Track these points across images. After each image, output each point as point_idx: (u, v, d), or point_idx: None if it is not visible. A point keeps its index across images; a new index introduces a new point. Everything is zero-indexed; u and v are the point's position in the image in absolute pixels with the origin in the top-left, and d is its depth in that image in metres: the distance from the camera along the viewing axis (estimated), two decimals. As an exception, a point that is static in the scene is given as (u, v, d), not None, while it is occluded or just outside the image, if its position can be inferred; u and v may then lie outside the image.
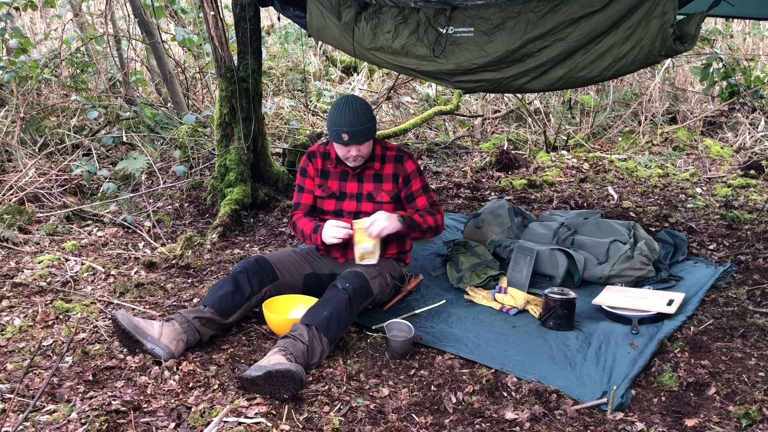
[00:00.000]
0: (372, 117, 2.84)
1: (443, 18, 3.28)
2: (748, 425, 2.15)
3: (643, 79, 7.34)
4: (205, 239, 3.86)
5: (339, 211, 3.00)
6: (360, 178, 2.98)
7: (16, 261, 3.56)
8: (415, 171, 2.99)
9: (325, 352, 2.53)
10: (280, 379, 2.25)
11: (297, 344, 2.44)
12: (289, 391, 2.26)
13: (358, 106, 2.80)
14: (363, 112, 2.79)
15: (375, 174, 2.98)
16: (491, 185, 5.20)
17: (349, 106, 2.79)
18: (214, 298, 2.70)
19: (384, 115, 7.13)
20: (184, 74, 6.77)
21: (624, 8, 2.86)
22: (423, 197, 3.01)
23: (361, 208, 2.97)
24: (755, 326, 2.82)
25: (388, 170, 2.98)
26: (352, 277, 2.71)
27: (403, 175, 2.97)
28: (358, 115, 2.77)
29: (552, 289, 2.86)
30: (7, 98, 5.38)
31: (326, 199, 3.02)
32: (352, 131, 2.78)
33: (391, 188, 2.97)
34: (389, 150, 3.01)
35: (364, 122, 2.79)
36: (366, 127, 2.80)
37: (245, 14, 4.14)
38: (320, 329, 2.51)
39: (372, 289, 2.76)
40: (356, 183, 2.99)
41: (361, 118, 2.78)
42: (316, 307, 2.60)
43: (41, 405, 2.23)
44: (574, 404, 2.27)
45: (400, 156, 2.99)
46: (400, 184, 2.98)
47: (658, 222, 4.24)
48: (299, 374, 2.27)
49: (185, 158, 5.07)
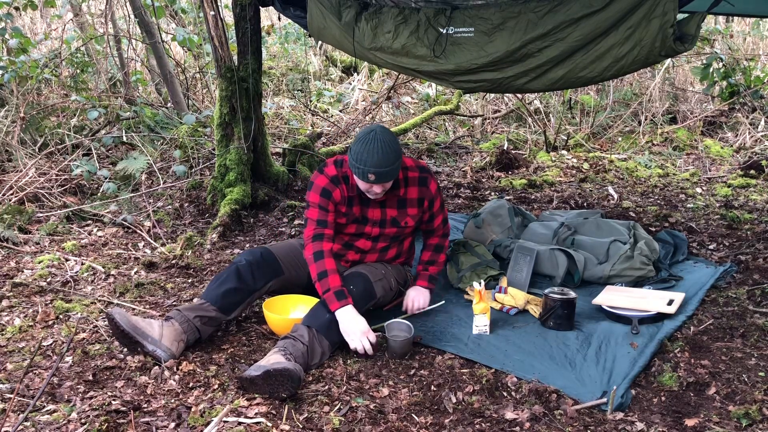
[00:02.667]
0: (400, 153, 2.62)
1: (443, 18, 3.28)
2: (748, 425, 2.15)
3: (643, 79, 7.34)
4: (205, 239, 3.86)
5: (359, 234, 2.86)
6: (383, 204, 2.80)
7: (16, 261, 3.56)
8: (437, 190, 2.87)
9: (326, 354, 2.52)
10: (279, 378, 2.24)
11: (297, 345, 2.43)
12: (288, 390, 2.25)
13: (387, 143, 2.57)
14: (392, 150, 2.57)
15: (399, 200, 2.81)
16: (491, 185, 5.20)
17: (377, 144, 2.55)
18: (216, 294, 2.66)
19: (384, 115, 7.13)
20: (184, 74, 6.76)
21: (624, 8, 2.86)
22: (441, 216, 2.94)
23: (384, 232, 2.86)
24: (755, 326, 2.82)
25: (412, 194, 2.81)
26: (357, 279, 2.70)
27: (428, 198, 2.84)
28: (388, 154, 2.55)
29: (552, 289, 2.86)
30: (7, 98, 5.38)
31: (349, 224, 2.83)
32: (380, 172, 2.56)
33: (416, 212, 2.84)
34: (411, 171, 2.81)
35: (393, 161, 2.58)
36: (394, 166, 2.60)
37: (245, 14, 4.14)
38: (321, 331, 2.50)
39: (375, 292, 2.75)
40: (379, 209, 2.81)
41: (390, 158, 2.56)
42: (317, 308, 2.59)
43: (41, 405, 2.23)
44: (574, 404, 2.27)
45: (423, 178, 2.82)
46: (425, 207, 2.86)
47: (658, 222, 4.24)
48: (297, 373, 2.27)
49: (185, 158, 5.07)
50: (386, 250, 2.93)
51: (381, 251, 2.92)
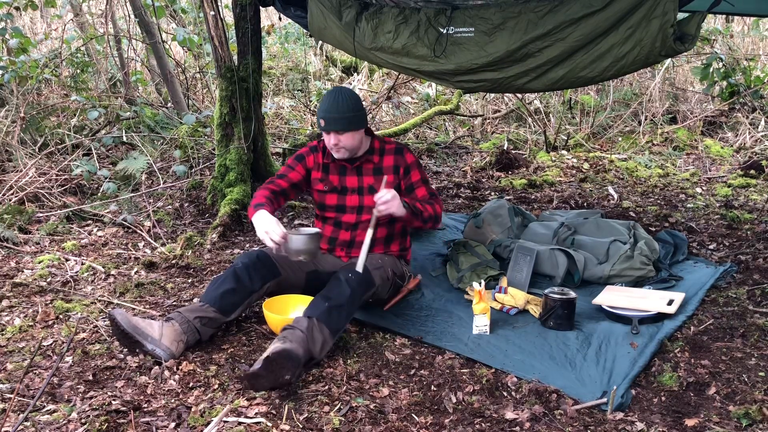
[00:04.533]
0: (356, 108, 2.81)
1: (444, 18, 3.29)
2: (748, 425, 2.15)
3: (643, 79, 7.34)
4: (205, 239, 3.86)
5: (342, 206, 2.98)
6: (359, 171, 2.96)
7: (16, 261, 3.56)
8: (414, 162, 2.98)
9: (327, 342, 2.50)
10: (279, 362, 2.25)
11: (295, 332, 2.43)
12: (289, 371, 2.25)
13: (344, 95, 2.79)
14: (346, 101, 2.78)
15: (375, 167, 2.95)
16: (491, 185, 5.20)
17: (334, 95, 2.79)
18: (215, 295, 2.68)
19: (384, 115, 7.13)
20: (184, 74, 6.77)
21: (624, 8, 2.87)
22: (423, 188, 2.97)
23: (363, 202, 2.95)
24: (755, 326, 2.82)
25: (387, 162, 2.96)
26: (354, 268, 2.71)
27: (403, 166, 2.95)
28: (340, 103, 2.77)
29: (552, 289, 2.86)
30: (7, 98, 5.38)
31: (328, 194, 2.98)
32: (329, 117, 2.77)
33: (392, 180, 2.93)
34: (388, 144, 3.00)
35: (344, 111, 2.77)
36: (345, 116, 2.78)
37: (245, 14, 4.14)
38: (321, 319, 2.50)
39: (374, 279, 2.76)
40: (356, 177, 2.96)
41: (342, 107, 2.77)
42: (317, 299, 2.60)
43: (41, 405, 2.22)
44: (574, 404, 2.27)
45: (399, 148, 2.99)
46: (401, 175, 2.96)
47: (658, 222, 4.24)
48: (296, 352, 2.27)
49: (185, 158, 5.07)
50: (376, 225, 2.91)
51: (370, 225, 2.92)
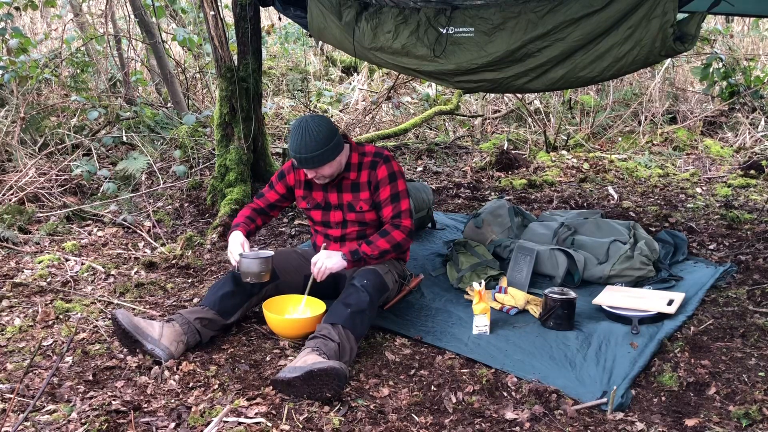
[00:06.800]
0: (326, 141, 2.64)
1: (443, 18, 3.28)
2: (748, 425, 2.15)
3: (643, 79, 7.34)
4: (205, 239, 3.86)
5: (326, 222, 2.92)
6: (339, 188, 2.86)
7: (16, 261, 3.56)
8: (386, 178, 2.82)
9: (354, 350, 2.49)
10: (323, 378, 2.21)
11: (328, 343, 2.40)
12: (333, 389, 2.22)
13: (310, 132, 2.62)
14: (314, 138, 2.62)
15: (352, 183, 2.84)
16: (491, 185, 5.20)
17: (300, 132, 2.63)
18: (214, 298, 2.69)
19: (384, 115, 7.13)
20: (184, 74, 6.77)
21: (624, 8, 2.86)
22: (389, 207, 2.82)
23: (346, 217, 2.89)
24: (755, 326, 2.82)
25: (363, 178, 2.84)
26: (368, 273, 2.70)
27: (374, 182, 2.82)
28: (308, 141, 2.62)
29: (552, 289, 2.86)
30: (7, 98, 5.38)
31: (312, 210, 2.93)
32: (299, 158, 2.65)
33: (368, 197, 2.84)
34: (366, 156, 2.85)
35: (313, 150, 2.62)
36: (314, 154, 2.63)
37: (245, 14, 4.15)
38: (347, 327, 2.48)
39: (387, 283, 2.76)
40: (336, 193, 2.87)
41: (310, 146, 2.62)
42: (337, 306, 2.57)
43: (41, 405, 2.22)
44: (574, 404, 2.27)
45: (375, 162, 2.83)
46: (372, 191, 2.85)
47: (658, 222, 4.24)
48: (343, 371, 2.24)
49: (185, 158, 5.07)
50: (363, 237, 2.89)
51: (358, 238, 2.90)
